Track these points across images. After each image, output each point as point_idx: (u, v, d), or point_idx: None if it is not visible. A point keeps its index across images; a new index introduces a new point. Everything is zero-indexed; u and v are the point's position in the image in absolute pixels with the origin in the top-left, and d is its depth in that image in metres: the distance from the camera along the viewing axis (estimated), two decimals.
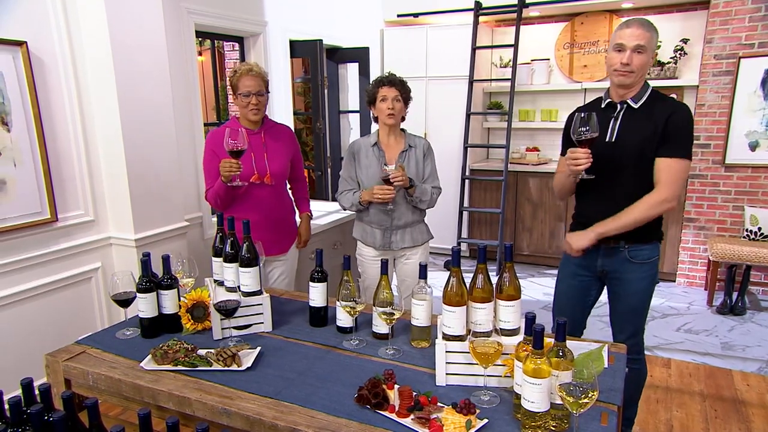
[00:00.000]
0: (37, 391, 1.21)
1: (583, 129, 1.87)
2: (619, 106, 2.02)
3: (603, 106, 2.07)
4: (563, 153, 2.23)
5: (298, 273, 3.16)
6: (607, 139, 2.01)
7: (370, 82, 2.56)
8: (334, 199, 4.68)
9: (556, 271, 2.37)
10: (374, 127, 2.65)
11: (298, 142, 2.77)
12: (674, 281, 4.53)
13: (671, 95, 4.77)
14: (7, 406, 1.17)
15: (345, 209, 2.61)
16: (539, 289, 4.46)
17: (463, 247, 5.18)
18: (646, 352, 3.30)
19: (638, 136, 1.96)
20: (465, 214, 5.14)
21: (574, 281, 2.22)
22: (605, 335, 3.52)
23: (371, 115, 2.60)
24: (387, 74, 2.51)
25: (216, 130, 2.47)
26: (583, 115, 1.86)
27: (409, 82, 2.58)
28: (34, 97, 2.36)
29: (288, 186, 2.69)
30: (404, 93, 2.48)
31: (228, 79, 2.43)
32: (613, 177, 1.99)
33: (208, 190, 2.45)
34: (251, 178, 2.40)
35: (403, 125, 2.60)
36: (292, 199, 2.72)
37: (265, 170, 2.41)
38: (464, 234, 5.19)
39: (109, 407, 2.25)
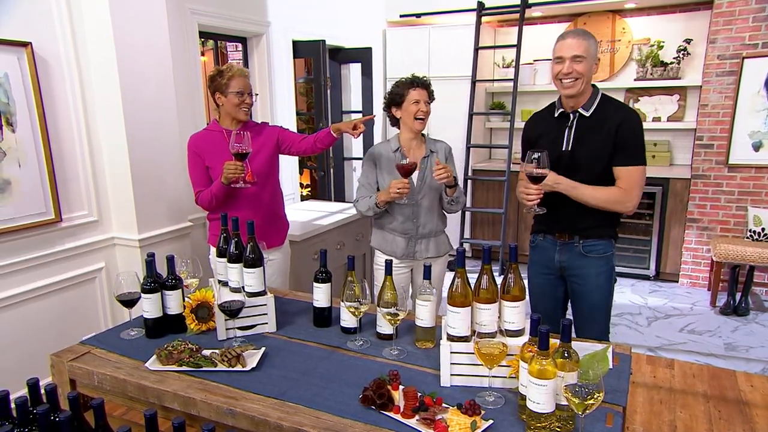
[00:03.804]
0: (43, 391, 1.21)
1: (535, 167, 1.92)
2: (571, 116, 2.07)
3: (556, 115, 2.12)
4: (522, 157, 2.27)
5: (300, 273, 3.16)
6: (563, 149, 2.08)
7: (400, 80, 2.42)
8: (337, 200, 4.70)
9: None
10: (377, 131, 2.61)
11: None
12: (677, 281, 4.52)
13: (674, 95, 4.77)
14: (13, 405, 1.17)
15: (363, 215, 2.49)
16: None
17: (466, 247, 5.18)
18: (649, 353, 3.32)
19: (592, 144, 2.04)
20: (467, 215, 5.13)
21: (540, 279, 2.28)
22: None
23: (388, 118, 2.50)
24: (412, 75, 2.42)
25: (197, 134, 2.45)
26: (535, 155, 1.91)
27: None
28: (39, 97, 2.37)
29: (305, 150, 2.55)
30: (431, 96, 2.42)
31: (210, 79, 2.37)
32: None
33: (198, 193, 2.41)
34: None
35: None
36: (283, 194, 2.67)
37: (247, 168, 2.39)
38: (467, 234, 5.18)
39: (112, 407, 2.25)
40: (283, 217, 2.66)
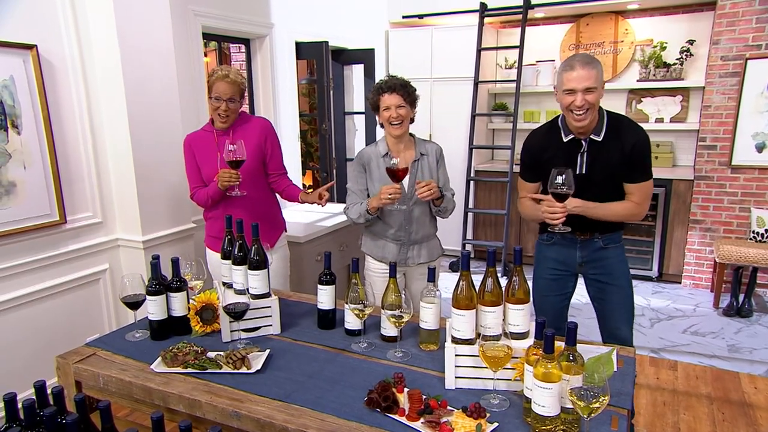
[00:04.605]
0: (49, 391, 1.22)
1: (560, 185, 1.92)
2: (583, 143, 2.08)
3: (566, 140, 2.11)
4: (523, 176, 2.30)
5: (303, 274, 3.17)
6: (578, 172, 2.09)
7: (373, 86, 2.38)
8: (339, 201, 4.71)
9: None
10: (380, 132, 2.54)
11: (303, 143, 2.74)
12: (680, 283, 4.52)
13: (677, 96, 4.75)
14: (20, 406, 1.18)
15: (354, 222, 2.40)
16: None
17: (468, 247, 5.18)
18: (652, 354, 3.32)
19: (608, 166, 2.08)
20: (470, 216, 5.14)
21: (550, 277, 2.30)
22: None
23: (377, 120, 2.41)
24: (387, 78, 2.31)
25: (193, 133, 2.49)
26: (560, 175, 1.92)
27: (414, 83, 2.36)
28: (44, 99, 2.37)
29: (271, 186, 2.59)
30: (408, 97, 2.27)
31: (207, 78, 2.42)
32: (586, 200, 2.07)
33: (194, 189, 2.46)
34: (215, 177, 2.37)
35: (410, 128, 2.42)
36: (276, 194, 2.64)
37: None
38: (469, 235, 5.19)
39: (116, 408, 2.25)
40: (277, 217, 2.64)
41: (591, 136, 2.07)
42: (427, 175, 2.36)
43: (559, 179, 1.91)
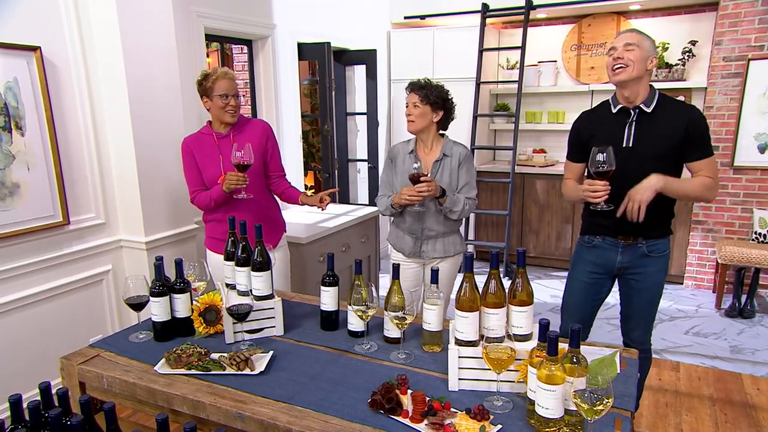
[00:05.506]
0: (54, 392, 1.22)
1: (601, 163, 1.92)
2: (632, 112, 2.07)
3: (615, 111, 2.11)
4: (570, 157, 2.29)
5: (305, 275, 3.17)
6: (624, 145, 2.07)
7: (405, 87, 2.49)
8: (341, 202, 4.71)
9: (563, 273, 2.40)
10: (382, 133, 2.59)
11: (305, 144, 2.74)
12: (682, 284, 4.52)
13: (679, 97, 4.75)
14: (25, 407, 1.18)
15: (381, 213, 2.59)
16: (546, 291, 4.45)
17: (470, 248, 5.18)
18: (654, 356, 3.31)
19: (656, 139, 2.04)
20: (472, 216, 5.14)
21: (587, 280, 2.27)
22: (613, 338, 3.51)
23: None
24: (418, 78, 2.45)
25: (190, 136, 2.49)
26: (601, 152, 1.91)
27: None
28: (47, 101, 2.38)
29: (270, 187, 2.61)
30: (426, 98, 2.38)
31: (197, 83, 2.40)
32: (632, 179, 2.01)
33: (195, 193, 2.45)
34: (218, 180, 2.39)
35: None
36: (276, 198, 2.66)
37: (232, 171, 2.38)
38: (471, 236, 5.19)
39: (119, 409, 2.25)
40: (278, 218, 2.65)
41: (641, 106, 2.05)
42: (447, 176, 2.45)
43: (600, 157, 1.91)
